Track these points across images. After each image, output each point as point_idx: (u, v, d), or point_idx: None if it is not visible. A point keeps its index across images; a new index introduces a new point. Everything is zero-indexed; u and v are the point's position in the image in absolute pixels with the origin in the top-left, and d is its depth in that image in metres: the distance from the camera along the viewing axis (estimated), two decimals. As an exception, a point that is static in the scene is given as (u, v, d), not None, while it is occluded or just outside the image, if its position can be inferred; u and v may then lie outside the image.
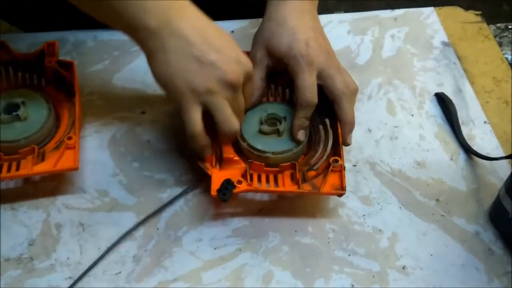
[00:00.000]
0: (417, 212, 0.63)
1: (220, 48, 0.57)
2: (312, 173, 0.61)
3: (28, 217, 0.61)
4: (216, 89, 0.57)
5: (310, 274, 0.58)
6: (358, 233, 0.61)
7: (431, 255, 0.60)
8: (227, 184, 0.57)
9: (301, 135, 0.62)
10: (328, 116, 0.64)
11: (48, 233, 0.60)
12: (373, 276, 0.58)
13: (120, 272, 0.58)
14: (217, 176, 0.59)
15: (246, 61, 0.59)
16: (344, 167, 0.60)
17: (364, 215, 0.63)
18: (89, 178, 0.64)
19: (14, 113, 0.62)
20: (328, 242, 0.60)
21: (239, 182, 0.58)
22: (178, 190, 0.63)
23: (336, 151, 0.62)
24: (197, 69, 0.56)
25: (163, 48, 0.56)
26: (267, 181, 0.61)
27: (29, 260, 0.58)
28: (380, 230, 0.61)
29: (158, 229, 0.61)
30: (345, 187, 0.59)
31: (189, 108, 0.57)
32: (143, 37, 0.57)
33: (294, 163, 0.61)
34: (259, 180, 0.61)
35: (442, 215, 0.63)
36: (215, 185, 0.58)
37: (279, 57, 0.63)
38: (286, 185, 0.60)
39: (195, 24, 0.57)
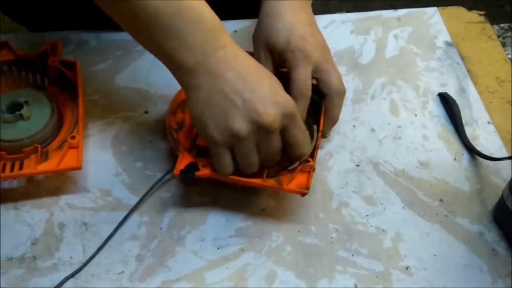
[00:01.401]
0: (421, 212, 0.63)
1: (254, 87, 0.53)
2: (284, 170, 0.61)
3: (31, 217, 0.61)
4: (244, 133, 0.53)
5: (314, 274, 0.58)
6: (361, 233, 0.61)
7: (435, 255, 0.60)
8: (191, 166, 0.58)
9: None
10: (310, 117, 0.65)
11: (51, 233, 0.60)
12: (377, 277, 0.58)
13: (123, 272, 0.57)
14: (185, 159, 0.59)
15: (284, 102, 0.54)
16: (314, 169, 0.59)
17: (367, 215, 0.62)
18: (92, 178, 0.64)
19: (18, 113, 0.63)
20: (332, 242, 0.60)
21: (205, 166, 0.58)
22: (181, 190, 0.63)
23: (311, 152, 0.61)
24: (227, 109, 0.53)
25: (197, 86, 0.54)
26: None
27: (32, 260, 0.58)
28: (383, 230, 0.61)
29: (161, 228, 0.61)
30: (309, 187, 0.57)
31: (218, 154, 0.56)
32: (180, 73, 0.56)
33: None
34: None
35: (446, 216, 0.63)
36: (180, 165, 0.58)
37: (278, 52, 0.64)
38: (252, 178, 0.59)
39: (231, 60, 0.54)
